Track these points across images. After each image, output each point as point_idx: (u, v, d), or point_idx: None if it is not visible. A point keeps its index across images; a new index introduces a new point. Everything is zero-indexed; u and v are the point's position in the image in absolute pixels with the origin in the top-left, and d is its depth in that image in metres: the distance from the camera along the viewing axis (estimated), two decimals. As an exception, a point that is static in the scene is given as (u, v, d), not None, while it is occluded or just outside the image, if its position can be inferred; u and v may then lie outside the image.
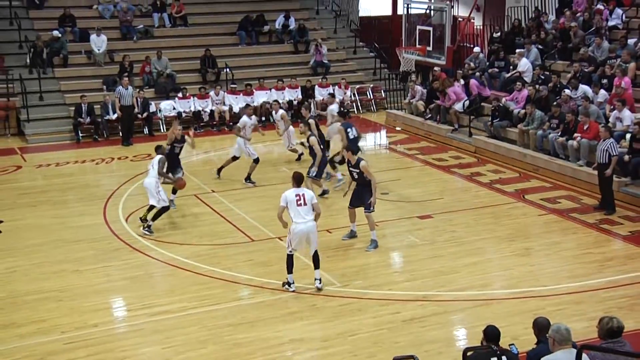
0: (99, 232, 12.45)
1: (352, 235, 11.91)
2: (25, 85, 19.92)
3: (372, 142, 19.90)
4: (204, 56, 21.78)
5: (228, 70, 21.10)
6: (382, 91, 23.10)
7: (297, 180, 9.84)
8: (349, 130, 13.93)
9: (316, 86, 21.66)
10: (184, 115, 20.07)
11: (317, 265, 10.00)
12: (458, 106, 18.61)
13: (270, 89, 21.27)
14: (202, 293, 10.02)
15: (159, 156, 12.48)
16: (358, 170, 11.40)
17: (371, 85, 23.11)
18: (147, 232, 12.12)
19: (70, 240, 12.07)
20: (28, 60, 20.87)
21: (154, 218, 12.25)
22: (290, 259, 9.87)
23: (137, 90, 19.77)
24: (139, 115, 19.52)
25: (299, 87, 21.48)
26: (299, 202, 9.68)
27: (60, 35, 21.12)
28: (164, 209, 12.33)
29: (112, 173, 16.44)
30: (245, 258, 11.30)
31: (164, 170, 12.56)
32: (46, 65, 20.82)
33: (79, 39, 21.96)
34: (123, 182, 15.40)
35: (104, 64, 21.42)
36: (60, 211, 13.58)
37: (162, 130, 19.96)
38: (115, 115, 19.37)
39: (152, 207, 12.32)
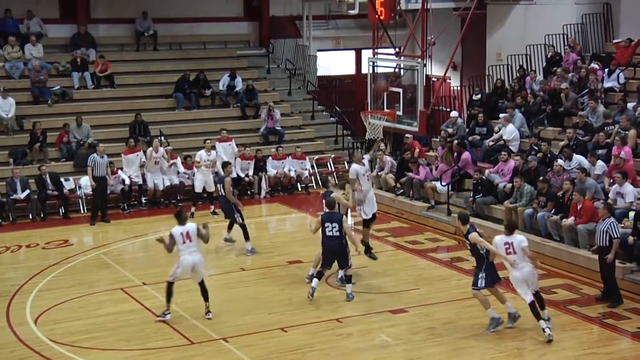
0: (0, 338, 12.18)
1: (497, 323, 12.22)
2: None
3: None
4: (134, 122, 21.95)
5: (163, 138, 21.27)
6: (345, 162, 23.49)
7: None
8: None
9: (269, 158, 21.93)
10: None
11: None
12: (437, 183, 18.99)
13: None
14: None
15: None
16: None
17: (332, 156, 23.50)
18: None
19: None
20: None
21: None
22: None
23: (40, 166, 19.67)
24: (50, 193, 19.39)
25: (253, 159, 21.67)
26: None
27: None
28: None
29: (19, 264, 16.20)
30: (183, 365, 11.18)
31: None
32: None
33: (-19, 102, 21.94)
34: (32, 274, 15.18)
35: (12, 132, 21.37)
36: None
37: (82, 212, 19.85)
38: (25, 194, 19.21)
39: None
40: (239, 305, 13.45)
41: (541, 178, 16.36)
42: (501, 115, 20.20)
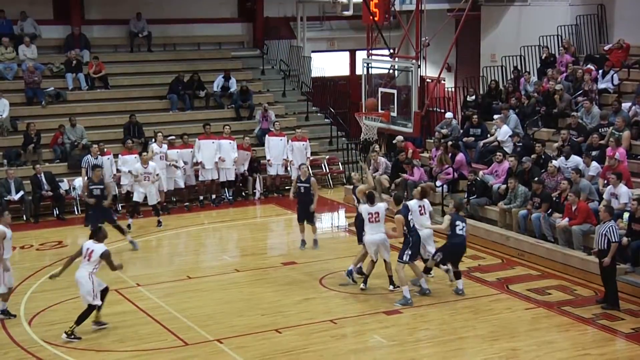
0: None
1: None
2: None
3: (328, 223, 20.07)
4: (129, 123, 21.92)
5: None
6: (340, 164, 23.49)
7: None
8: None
9: (267, 136, 21.77)
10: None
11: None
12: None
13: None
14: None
15: (103, 248, 12.28)
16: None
17: (327, 157, 23.50)
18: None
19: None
20: None
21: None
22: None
23: (34, 165, 19.68)
24: (44, 194, 19.35)
25: (251, 151, 21.61)
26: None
27: None
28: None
29: (13, 265, 16.01)
30: (177, 367, 11.17)
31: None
32: None
33: (-25, 103, 21.89)
34: (26, 276, 15.15)
35: (6, 132, 21.34)
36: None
37: (76, 212, 19.82)
38: (19, 195, 19.18)
39: None
40: (233, 306, 13.44)
41: (536, 179, 16.39)
42: (495, 116, 20.22)
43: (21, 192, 19.29)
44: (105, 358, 11.41)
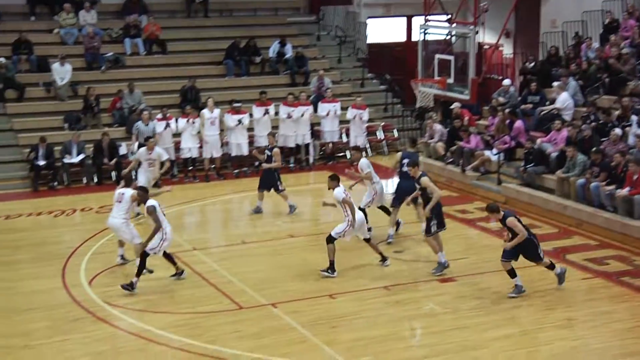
0: (55, 299, 12.44)
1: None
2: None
3: (385, 190, 19.96)
4: (185, 89, 22.07)
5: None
6: (395, 130, 23.32)
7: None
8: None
9: (319, 103, 21.66)
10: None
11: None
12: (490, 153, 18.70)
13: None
14: (179, 373, 9.99)
15: (152, 202, 12.69)
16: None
17: (382, 124, 23.34)
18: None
19: (20, 308, 12.05)
20: (-24, 94, 21.15)
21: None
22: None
23: (103, 134, 19.91)
24: (105, 161, 19.67)
25: (310, 105, 21.47)
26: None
27: (6, 62, 21.38)
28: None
29: (74, 227, 16.50)
30: (232, 329, 11.28)
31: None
32: (-3, 100, 21.10)
33: (37, 68, 22.27)
34: (86, 237, 15.44)
35: (67, 97, 21.69)
36: (9, 273, 13.58)
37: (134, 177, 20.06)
38: (80, 158, 19.52)
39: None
40: (288, 271, 13.51)
41: (595, 149, 16.05)
42: (555, 83, 19.78)
43: (82, 155, 19.63)
44: (162, 319, 11.58)
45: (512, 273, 12.14)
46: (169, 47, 23.96)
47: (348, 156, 22.15)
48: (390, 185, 17.85)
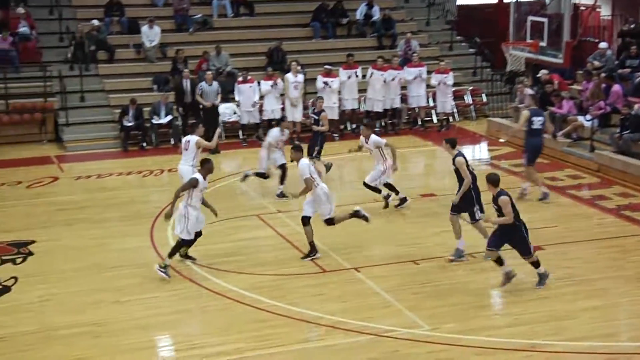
0: (144, 257, 12.76)
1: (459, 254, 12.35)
2: (65, 83, 20.71)
3: (470, 156, 19.68)
4: (272, 51, 22.13)
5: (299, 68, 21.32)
6: (484, 95, 22.89)
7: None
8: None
9: (405, 67, 21.30)
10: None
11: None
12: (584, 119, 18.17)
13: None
14: (262, 332, 10.14)
15: (195, 175, 12.08)
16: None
17: (470, 88, 22.95)
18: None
19: (110, 265, 12.42)
20: (69, 55, 21.70)
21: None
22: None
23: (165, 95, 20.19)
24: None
25: (402, 69, 21.14)
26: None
27: (99, 24, 21.85)
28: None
29: (162, 187, 16.83)
30: (315, 292, 11.37)
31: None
32: (89, 61, 21.60)
33: (127, 30, 22.70)
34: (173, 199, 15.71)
35: (156, 59, 22.06)
36: (100, 231, 13.98)
37: (221, 138, 20.35)
38: (168, 119, 19.90)
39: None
40: (371, 236, 13.47)
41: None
42: (656, 46, 19.03)
43: (169, 117, 19.99)
44: (247, 280, 11.75)
45: (499, 261, 11.20)
46: (257, 9, 24.05)
47: (435, 120, 21.91)
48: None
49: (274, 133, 15.65)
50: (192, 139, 14.07)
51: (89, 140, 20.00)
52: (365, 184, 14.72)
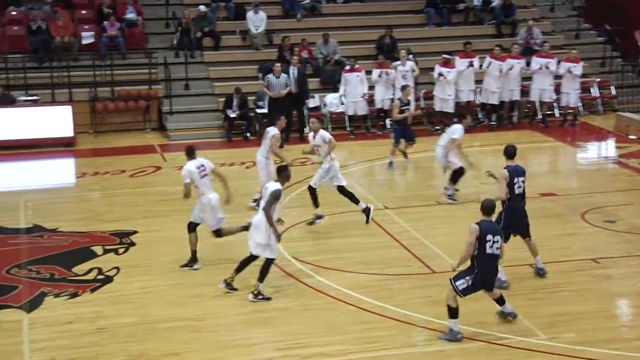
0: (245, 251, 12.87)
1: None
2: (170, 70, 21.25)
3: (595, 153, 19.13)
4: (382, 39, 22.06)
5: (411, 57, 21.22)
6: (613, 87, 22.17)
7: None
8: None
9: (534, 57, 20.79)
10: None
11: None
12: None
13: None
14: (367, 334, 10.13)
15: (276, 186, 11.27)
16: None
17: (597, 80, 22.28)
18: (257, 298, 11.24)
19: (210, 259, 12.64)
20: (174, 42, 22.24)
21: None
22: None
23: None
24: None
25: (522, 59, 20.75)
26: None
27: (206, 10, 22.29)
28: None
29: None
30: (423, 294, 11.29)
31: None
32: (194, 48, 22.08)
33: (234, 16, 23.08)
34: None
35: (261, 46, 22.35)
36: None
37: (328, 129, 20.47)
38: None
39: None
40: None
41: None
42: None
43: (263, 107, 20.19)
44: (352, 279, 11.77)
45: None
46: (369, -6, 24.05)
47: (556, 114, 21.37)
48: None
49: (460, 131, 14.80)
50: (271, 131, 14.15)
51: (193, 129, 20.44)
52: (310, 189, 13.93)
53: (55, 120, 19.80)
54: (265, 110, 20.09)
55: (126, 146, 19.77)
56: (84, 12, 22.60)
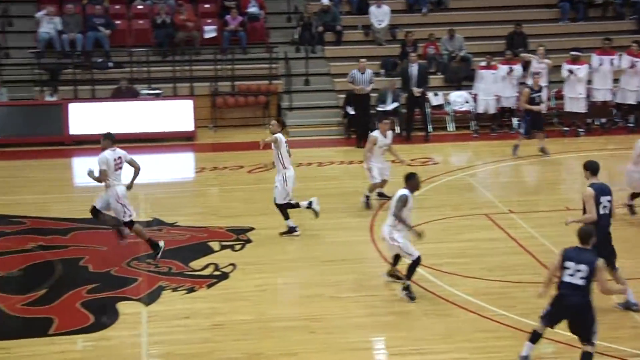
0: (363, 252, 13.03)
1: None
2: (290, 66, 21.55)
3: None
4: (511, 35, 21.72)
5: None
6: None
7: None
8: None
9: None
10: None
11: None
12: None
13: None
14: (488, 343, 10.03)
15: (403, 192, 11.34)
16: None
17: None
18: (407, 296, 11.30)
19: (327, 259, 12.79)
20: (295, 36, 22.54)
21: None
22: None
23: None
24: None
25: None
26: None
27: (328, 4, 22.48)
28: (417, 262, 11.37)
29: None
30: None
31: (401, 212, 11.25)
32: (315, 43, 22.31)
33: (357, 10, 23.19)
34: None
35: (384, 42, 22.38)
36: (318, 222, 14.32)
37: (448, 129, 20.37)
38: (394, 106, 20.15)
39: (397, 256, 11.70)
40: (625, 247, 12.72)
41: None
42: None
43: (396, 104, 20.22)
44: (472, 285, 11.65)
45: None
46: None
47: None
48: None
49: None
50: (372, 134, 14.25)
51: (312, 125, 20.69)
52: (279, 206, 13.67)
53: (177, 114, 20.45)
54: (387, 108, 20.09)
55: (245, 142, 20.17)
56: (207, 5, 23.22)
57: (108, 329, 10.52)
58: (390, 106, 20.22)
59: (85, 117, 20.09)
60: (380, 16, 22.45)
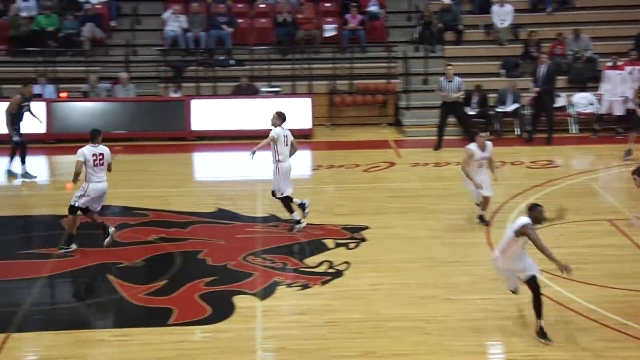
0: (479, 254, 12.81)
1: None
2: (409, 65, 21.43)
3: None
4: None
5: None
6: None
7: None
8: None
9: None
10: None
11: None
12: None
13: None
14: (609, 353, 9.69)
15: (524, 221, 10.01)
16: None
17: None
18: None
19: (443, 260, 12.64)
20: (415, 35, 22.41)
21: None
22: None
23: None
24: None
25: None
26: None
27: (449, 3, 22.23)
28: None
29: (503, 181, 16.71)
30: (677, 315, 10.62)
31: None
32: (435, 42, 22.11)
33: (478, 9, 22.87)
34: (514, 193, 15.63)
35: (506, 41, 21.99)
36: (434, 222, 14.28)
37: (571, 131, 19.86)
38: (514, 107, 19.78)
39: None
40: None
41: None
42: None
43: (516, 104, 19.84)
44: (594, 292, 11.29)
45: None
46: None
47: None
48: None
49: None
50: (468, 147, 13.57)
51: (429, 125, 20.50)
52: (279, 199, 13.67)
53: (295, 111, 20.51)
54: (507, 109, 19.76)
55: (362, 140, 20.19)
56: (328, 4, 23.37)
57: (224, 322, 10.68)
58: (510, 107, 19.87)
59: (207, 114, 20.52)
60: (502, 15, 22.08)
